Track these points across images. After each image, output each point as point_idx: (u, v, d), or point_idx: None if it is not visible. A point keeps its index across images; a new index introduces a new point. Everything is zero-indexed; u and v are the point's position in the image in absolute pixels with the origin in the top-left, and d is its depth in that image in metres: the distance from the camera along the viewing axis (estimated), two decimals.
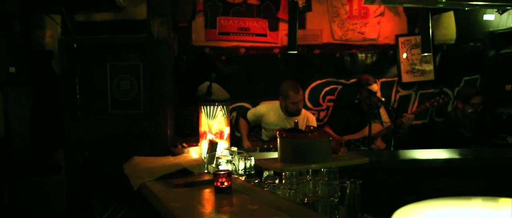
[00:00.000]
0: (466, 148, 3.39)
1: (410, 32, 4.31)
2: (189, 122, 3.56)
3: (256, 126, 4.01)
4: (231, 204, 1.74)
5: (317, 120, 4.08)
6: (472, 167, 2.96)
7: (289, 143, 1.97)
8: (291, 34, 2.94)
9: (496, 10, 3.88)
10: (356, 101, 4.15)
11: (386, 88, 4.21)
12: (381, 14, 4.27)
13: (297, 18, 3.10)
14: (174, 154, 2.66)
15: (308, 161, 1.92)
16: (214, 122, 2.54)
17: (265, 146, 3.44)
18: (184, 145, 2.70)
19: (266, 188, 1.94)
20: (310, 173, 1.99)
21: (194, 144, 2.73)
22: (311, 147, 1.95)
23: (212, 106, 2.54)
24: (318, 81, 4.24)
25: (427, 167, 2.96)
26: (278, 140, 2.00)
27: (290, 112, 3.66)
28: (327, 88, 4.25)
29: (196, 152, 2.60)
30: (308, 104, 4.22)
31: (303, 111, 3.76)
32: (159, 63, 2.70)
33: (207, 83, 3.59)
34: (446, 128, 3.83)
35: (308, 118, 3.73)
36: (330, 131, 3.74)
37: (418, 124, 4.17)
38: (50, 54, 4.12)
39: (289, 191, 1.87)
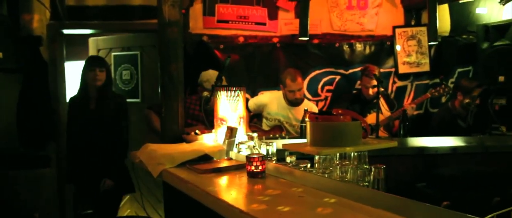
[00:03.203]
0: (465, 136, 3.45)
1: (407, 24, 4.36)
2: (191, 111, 3.45)
3: (254, 115, 3.94)
4: (272, 187, 1.68)
5: None
6: (477, 154, 3.02)
7: (322, 126, 1.91)
8: (303, 20, 2.89)
9: (499, 0, 3.96)
10: (354, 92, 4.17)
11: (383, 79, 4.23)
12: (379, 5, 4.29)
13: (309, 3, 3.05)
14: (186, 142, 2.57)
15: (341, 144, 1.87)
16: (231, 108, 2.47)
17: (271, 135, 3.38)
18: (198, 132, 2.61)
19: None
20: (338, 157, 1.95)
21: (207, 131, 2.65)
22: (345, 130, 1.91)
23: (229, 92, 2.45)
24: (317, 71, 4.22)
25: (434, 154, 2.99)
26: (309, 123, 1.95)
27: (289, 100, 3.61)
28: (326, 79, 4.24)
29: (210, 139, 2.51)
30: (307, 94, 4.19)
31: (306, 102, 3.73)
32: (171, 46, 2.59)
33: (211, 71, 3.53)
34: (444, 119, 3.89)
35: (308, 108, 3.69)
36: None
37: (414, 115, 4.21)
38: (38, 40, 3.91)
39: (322, 175, 1.84)
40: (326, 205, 1.42)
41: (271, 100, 3.73)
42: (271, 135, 3.42)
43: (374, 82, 3.47)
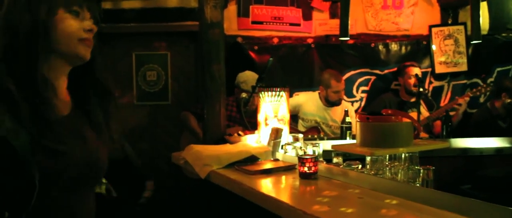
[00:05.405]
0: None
1: (443, 23, 4.28)
2: (228, 112, 3.46)
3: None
4: (327, 188, 1.67)
5: None
6: None
7: (374, 126, 1.89)
8: (343, 19, 2.87)
9: None
10: (396, 87, 4.10)
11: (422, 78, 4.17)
12: (415, 4, 4.23)
13: (349, 1, 3.02)
14: (229, 143, 2.58)
15: (394, 145, 1.85)
16: (276, 108, 2.47)
17: (310, 136, 3.36)
18: (240, 133, 2.62)
19: None
20: (387, 158, 1.93)
21: (249, 132, 2.66)
22: (398, 131, 1.88)
23: (273, 92, 2.46)
24: (352, 72, 4.18)
25: (478, 156, 2.93)
26: (359, 123, 1.93)
27: (331, 101, 3.60)
28: (361, 79, 4.20)
29: (253, 140, 2.52)
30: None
31: (343, 102, 3.71)
32: (213, 47, 2.61)
33: (248, 72, 3.55)
34: (485, 119, 3.80)
35: (348, 109, 3.67)
36: None
37: (451, 115, 4.13)
38: None
39: (376, 176, 1.82)
40: (389, 206, 1.40)
41: (307, 101, 3.73)
42: (309, 136, 3.40)
43: (417, 70, 3.44)
